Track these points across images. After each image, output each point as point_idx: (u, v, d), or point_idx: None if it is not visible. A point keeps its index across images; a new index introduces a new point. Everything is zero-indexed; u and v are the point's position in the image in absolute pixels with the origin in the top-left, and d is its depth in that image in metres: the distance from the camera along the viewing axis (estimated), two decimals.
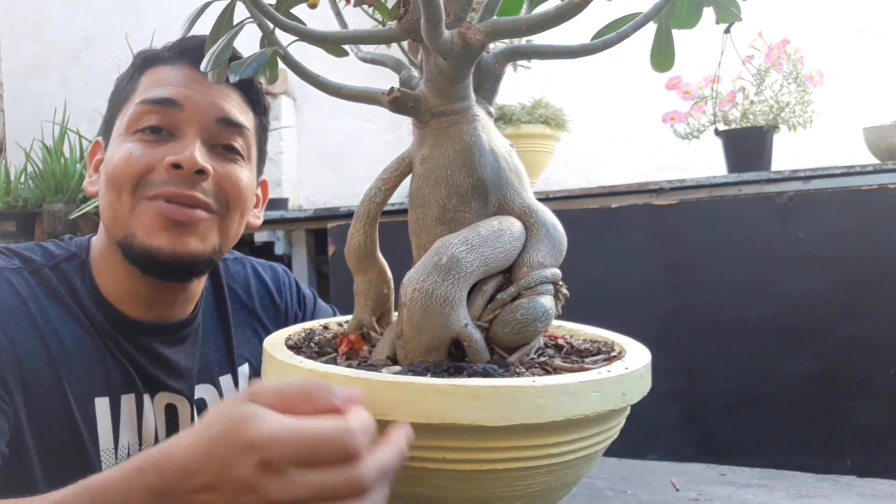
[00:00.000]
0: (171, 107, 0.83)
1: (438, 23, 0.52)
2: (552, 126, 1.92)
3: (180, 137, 0.83)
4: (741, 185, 1.64)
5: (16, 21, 3.07)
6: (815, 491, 0.84)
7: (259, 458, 0.42)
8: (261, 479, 0.42)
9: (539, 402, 0.47)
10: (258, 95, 0.91)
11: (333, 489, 0.42)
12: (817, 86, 1.73)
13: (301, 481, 0.42)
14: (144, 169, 0.81)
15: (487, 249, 0.56)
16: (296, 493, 0.42)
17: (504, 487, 0.50)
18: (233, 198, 0.85)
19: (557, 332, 0.69)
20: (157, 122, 0.83)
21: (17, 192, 2.33)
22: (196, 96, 0.84)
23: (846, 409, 1.44)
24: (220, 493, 0.43)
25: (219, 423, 0.44)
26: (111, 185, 0.82)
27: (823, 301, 1.46)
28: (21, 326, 0.78)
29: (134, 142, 0.83)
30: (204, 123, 0.84)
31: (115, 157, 0.83)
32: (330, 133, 2.65)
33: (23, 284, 0.81)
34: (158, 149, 0.82)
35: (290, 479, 0.42)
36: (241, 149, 0.87)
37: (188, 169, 0.80)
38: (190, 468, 0.43)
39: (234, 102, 0.87)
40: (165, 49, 0.88)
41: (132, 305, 0.86)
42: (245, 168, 0.88)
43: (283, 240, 2.19)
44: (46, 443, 0.77)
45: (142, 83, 0.86)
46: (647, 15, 0.56)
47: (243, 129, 0.87)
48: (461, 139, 0.57)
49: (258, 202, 0.97)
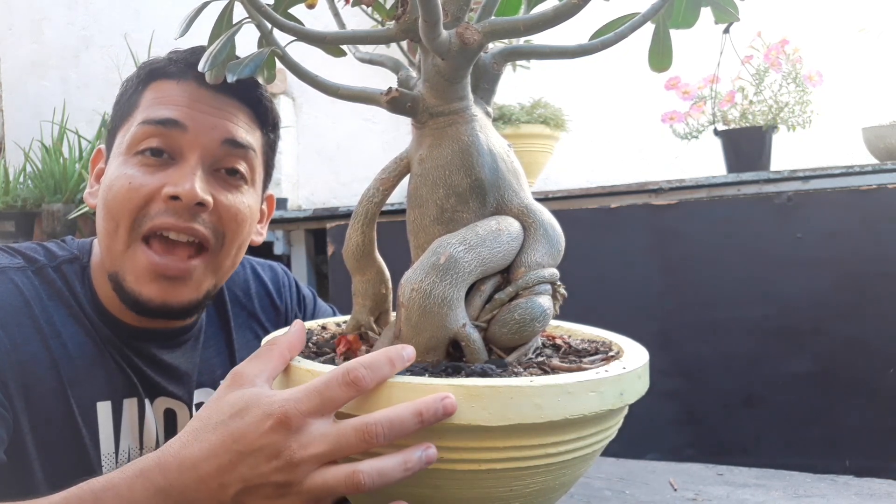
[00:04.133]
0: (174, 128, 0.79)
1: (436, 23, 0.52)
2: (551, 126, 1.92)
3: (181, 163, 0.80)
4: (740, 185, 1.64)
5: (15, 21, 3.07)
6: (813, 491, 0.84)
7: (275, 420, 0.44)
8: (282, 440, 0.44)
9: (537, 401, 0.47)
10: (267, 113, 0.87)
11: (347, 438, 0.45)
12: (816, 86, 1.73)
13: (318, 434, 0.44)
14: (143, 202, 0.78)
15: (485, 249, 0.56)
16: (315, 448, 0.44)
17: (502, 487, 0.50)
18: (230, 231, 0.82)
19: (555, 331, 0.69)
20: (158, 144, 0.80)
21: (16, 192, 2.33)
22: (201, 117, 0.80)
23: (844, 409, 1.44)
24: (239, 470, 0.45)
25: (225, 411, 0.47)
26: (109, 214, 0.80)
27: (822, 301, 1.46)
28: (24, 329, 0.77)
29: (134, 166, 0.80)
30: (207, 146, 0.80)
31: (114, 182, 0.80)
32: (329, 133, 2.65)
33: (27, 284, 0.80)
34: (159, 175, 0.79)
35: (308, 434, 0.45)
36: (244, 172, 0.84)
37: (187, 202, 0.77)
38: (197, 459, 0.45)
39: (241, 122, 0.84)
40: (171, 62, 0.84)
41: (129, 316, 0.84)
42: (248, 194, 0.85)
43: (282, 240, 2.19)
44: (47, 446, 0.77)
45: (145, 98, 0.83)
46: (645, 15, 0.56)
47: (249, 151, 0.84)
48: (459, 139, 0.57)
49: (262, 217, 0.94)
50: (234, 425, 0.46)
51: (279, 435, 0.44)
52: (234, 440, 0.45)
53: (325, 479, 0.45)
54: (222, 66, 0.58)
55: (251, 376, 0.50)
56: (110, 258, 0.81)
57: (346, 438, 0.45)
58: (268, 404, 0.46)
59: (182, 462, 0.46)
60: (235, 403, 0.47)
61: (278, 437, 0.44)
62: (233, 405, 0.47)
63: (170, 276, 0.79)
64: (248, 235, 0.87)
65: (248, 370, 0.51)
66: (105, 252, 0.82)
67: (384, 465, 0.45)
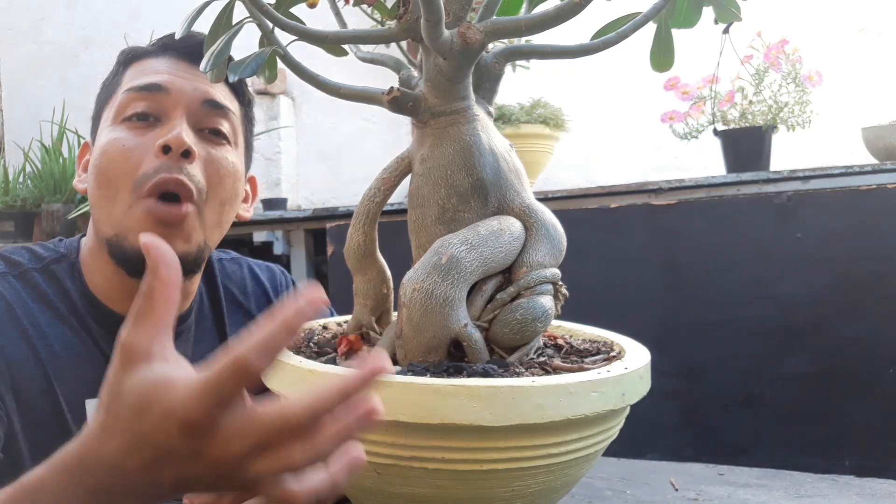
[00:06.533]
0: (157, 92, 0.83)
1: (438, 22, 0.52)
2: (551, 126, 1.91)
3: (167, 122, 0.83)
4: (740, 185, 1.64)
5: (14, 20, 3.07)
6: (814, 490, 0.84)
7: (180, 424, 0.38)
8: (196, 444, 0.39)
9: (538, 402, 0.47)
10: (242, 85, 0.92)
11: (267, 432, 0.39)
12: (816, 86, 1.73)
13: (235, 430, 0.39)
14: (138, 161, 0.81)
15: (487, 249, 0.56)
16: (236, 446, 0.39)
17: (503, 487, 0.50)
18: (214, 184, 0.85)
19: (557, 332, 0.69)
20: (143, 108, 0.83)
21: (16, 191, 2.33)
22: (181, 82, 0.84)
23: (845, 409, 1.44)
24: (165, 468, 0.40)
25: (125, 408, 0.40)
26: (106, 180, 0.82)
27: (822, 301, 1.46)
28: (7, 331, 0.78)
29: (124, 130, 0.83)
30: (190, 107, 0.84)
31: (107, 148, 0.82)
32: (329, 133, 2.65)
33: (9, 289, 0.80)
34: (148, 134, 0.82)
35: (223, 430, 0.39)
36: (227, 133, 0.87)
37: (176, 150, 0.80)
38: (117, 458, 0.40)
39: (218, 88, 0.88)
40: (149, 45, 0.89)
41: (123, 304, 0.85)
42: (231, 152, 0.88)
43: (281, 240, 2.18)
44: (39, 445, 0.77)
45: (126, 75, 0.87)
46: (647, 15, 0.56)
47: (229, 112, 0.87)
48: (461, 139, 0.57)
49: (247, 197, 0.97)
50: (140, 429, 0.40)
51: (190, 439, 0.39)
52: (146, 442, 0.40)
53: (257, 468, 0.39)
54: (224, 65, 0.58)
55: (143, 349, 0.42)
56: (111, 222, 0.82)
57: (266, 434, 0.39)
58: (167, 402, 0.39)
59: (105, 462, 0.41)
60: (134, 402, 0.41)
61: (191, 442, 0.39)
62: (131, 404, 0.41)
63: (168, 222, 0.80)
64: (232, 193, 0.88)
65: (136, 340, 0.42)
66: (104, 219, 0.83)
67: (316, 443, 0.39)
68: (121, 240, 0.81)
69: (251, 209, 0.98)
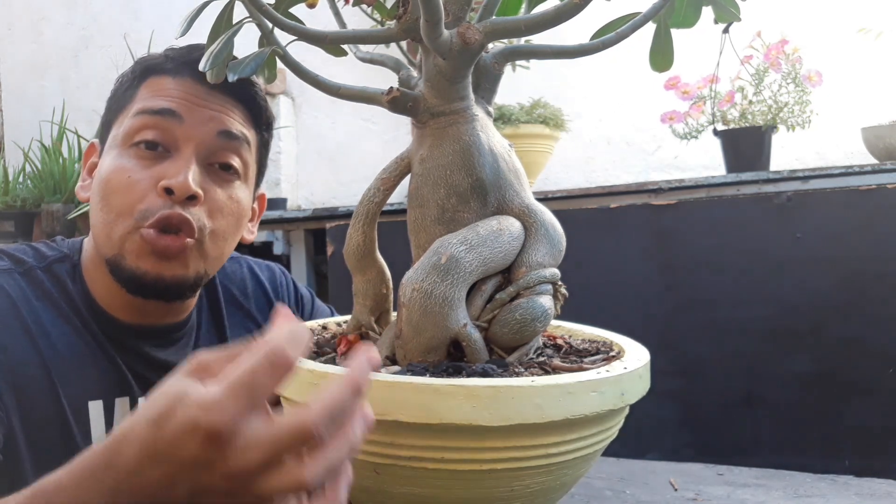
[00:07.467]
0: (170, 118, 0.81)
1: (438, 22, 0.52)
2: (551, 126, 1.91)
3: (176, 155, 0.81)
4: (740, 185, 1.64)
5: (14, 21, 3.07)
6: (813, 490, 0.84)
7: (204, 435, 0.39)
8: (214, 454, 0.39)
9: (538, 402, 0.47)
10: (261, 111, 0.89)
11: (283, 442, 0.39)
12: (816, 86, 1.73)
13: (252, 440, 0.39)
14: (141, 195, 0.79)
15: (486, 249, 0.56)
16: (251, 457, 0.39)
17: (503, 487, 0.50)
18: (216, 223, 0.83)
19: (556, 331, 0.69)
20: (153, 136, 0.81)
21: (16, 192, 2.33)
22: (197, 109, 0.82)
23: (844, 409, 1.44)
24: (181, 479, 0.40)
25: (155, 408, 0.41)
26: (108, 207, 0.81)
27: (822, 301, 1.46)
28: (12, 330, 0.77)
29: (131, 158, 0.81)
30: (202, 138, 0.82)
31: (111, 173, 0.81)
32: (329, 133, 2.65)
33: (13, 286, 0.80)
34: (155, 168, 0.80)
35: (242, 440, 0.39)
36: (238, 167, 0.85)
37: (179, 195, 0.78)
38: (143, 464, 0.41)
39: (236, 117, 0.85)
40: (168, 59, 0.85)
41: (123, 312, 0.85)
42: (240, 189, 0.86)
43: (281, 240, 2.19)
44: (39, 446, 0.77)
45: (141, 92, 0.84)
46: (646, 15, 0.56)
47: (243, 144, 0.85)
48: (460, 139, 0.57)
49: (253, 216, 0.95)
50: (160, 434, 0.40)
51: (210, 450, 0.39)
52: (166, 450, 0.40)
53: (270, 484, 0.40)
54: (223, 65, 0.58)
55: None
56: (110, 243, 0.81)
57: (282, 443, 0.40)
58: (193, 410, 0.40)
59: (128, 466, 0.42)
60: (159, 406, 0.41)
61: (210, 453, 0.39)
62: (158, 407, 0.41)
63: (168, 255, 0.80)
64: (234, 229, 0.87)
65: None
66: (104, 239, 0.82)
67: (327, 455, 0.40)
68: (119, 260, 0.80)
69: (255, 228, 0.96)
